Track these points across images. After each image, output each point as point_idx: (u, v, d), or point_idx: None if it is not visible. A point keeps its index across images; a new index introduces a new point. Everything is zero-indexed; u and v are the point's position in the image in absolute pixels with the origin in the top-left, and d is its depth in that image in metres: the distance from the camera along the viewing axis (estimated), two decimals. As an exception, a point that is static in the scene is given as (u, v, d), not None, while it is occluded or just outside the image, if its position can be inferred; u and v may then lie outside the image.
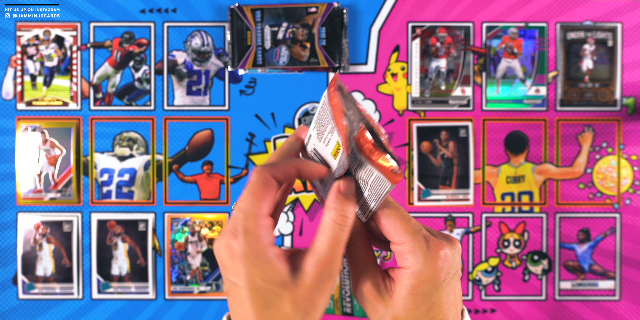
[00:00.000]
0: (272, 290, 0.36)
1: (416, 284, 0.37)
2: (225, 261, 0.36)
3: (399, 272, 0.38)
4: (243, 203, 0.36)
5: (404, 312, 0.38)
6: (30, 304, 0.90)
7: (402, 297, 0.38)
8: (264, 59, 0.89)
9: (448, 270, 0.38)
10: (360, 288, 0.39)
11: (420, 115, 0.91)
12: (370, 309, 0.39)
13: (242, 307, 0.36)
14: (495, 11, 0.90)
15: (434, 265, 0.37)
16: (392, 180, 0.36)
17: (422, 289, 0.37)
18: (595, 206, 0.91)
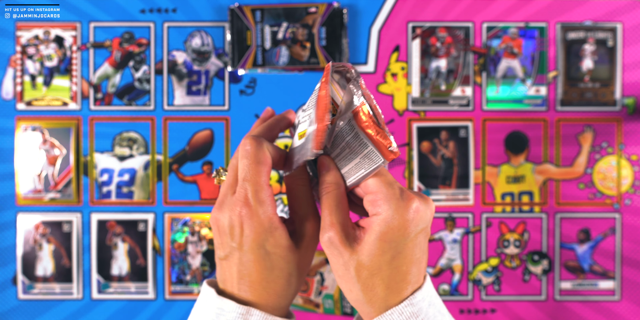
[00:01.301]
0: (280, 255, 0.39)
1: (385, 230, 0.38)
2: (234, 228, 0.39)
3: (369, 220, 0.39)
4: (249, 173, 0.39)
5: (369, 257, 0.38)
6: (30, 304, 0.90)
7: (369, 243, 0.38)
8: (264, 59, 0.89)
9: (418, 222, 0.38)
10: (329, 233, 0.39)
11: (420, 115, 0.91)
12: (335, 255, 0.39)
13: (244, 270, 0.39)
14: (495, 11, 0.90)
15: (405, 215, 0.38)
16: (387, 157, 0.38)
17: (390, 236, 0.38)
18: (595, 206, 0.91)
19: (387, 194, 0.38)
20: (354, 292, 0.39)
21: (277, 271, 0.40)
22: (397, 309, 0.38)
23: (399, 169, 0.90)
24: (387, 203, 0.38)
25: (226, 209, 0.39)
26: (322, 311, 0.89)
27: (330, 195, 0.40)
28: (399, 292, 0.39)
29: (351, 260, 0.38)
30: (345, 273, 0.39)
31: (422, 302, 0.39)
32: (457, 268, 0.91)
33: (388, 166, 0.90)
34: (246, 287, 0.39)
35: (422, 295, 0.40)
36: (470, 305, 0.91)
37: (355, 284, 0.39)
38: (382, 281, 0.38)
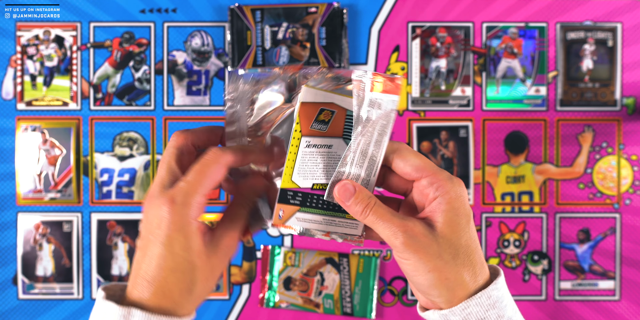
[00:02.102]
0: (187, 258, 0.38)
1: (458, 206, 0.39)
2: (152, 220, 0.39)
3: (433, 205, 0.39)
4: (190, 174, 0.40)
5: (456, 235, 0.38)
6: (30, 304, 0.90)
7: (448, 222, 0.38)
8: (264, 59, 0.89)
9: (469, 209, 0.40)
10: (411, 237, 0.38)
11: (420, 115, 0.91)
12: (423, 254, 0.38)
13: (149, 264, 0.38)
14: (495, 11, 0.90)
15: (464, 192, 0.39)
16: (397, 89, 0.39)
17: (463, 211, 0.39)
18: (595, 206, 0.91)
19: (444, 173, 0.39)
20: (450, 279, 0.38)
21: (178, 274, 0.38)
22: (485, 292, 0.38)
23: (399, 169, 0.90)
24: (450, 181, 0.39)
25: (156, 199, 0.39)
26: (322, 311, 0.89)
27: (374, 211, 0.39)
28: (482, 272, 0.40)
29: (443, 248, 0.38)
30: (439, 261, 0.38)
31: (504, 287, 0.40)
32: (457, 268, 0.91)
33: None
34: (144, 282, 0.38)
35: (503, 280, 0.40)
36: (470, 305, 0.91)
37: (452, 268, 0.38)
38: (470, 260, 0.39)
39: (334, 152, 0.40)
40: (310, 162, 0.40)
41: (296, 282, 0.89)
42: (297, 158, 0.40)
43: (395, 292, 0.91)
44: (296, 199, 0.40)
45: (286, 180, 0.40)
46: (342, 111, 0.40)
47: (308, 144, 0.40)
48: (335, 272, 0.89)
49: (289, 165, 0.40)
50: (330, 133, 0.40)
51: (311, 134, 0.40)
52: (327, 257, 0.90)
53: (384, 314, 0.90)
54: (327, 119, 0.40)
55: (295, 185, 0.40)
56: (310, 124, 0.39)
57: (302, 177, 0.40)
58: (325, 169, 0.40)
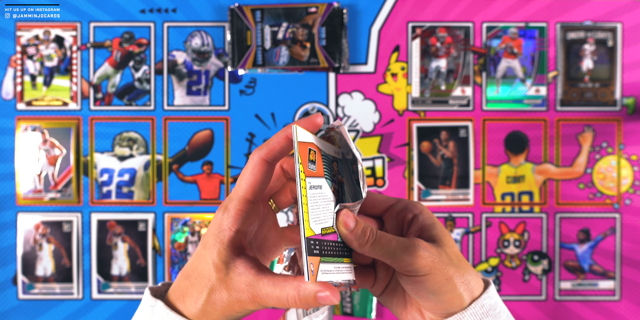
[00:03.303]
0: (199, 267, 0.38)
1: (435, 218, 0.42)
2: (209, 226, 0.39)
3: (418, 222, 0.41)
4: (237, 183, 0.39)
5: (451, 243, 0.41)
6: (30, 304, 0.90)
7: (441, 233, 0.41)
8: (264, 59, 0.89)
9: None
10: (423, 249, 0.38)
11: (420, 115, 0.91)
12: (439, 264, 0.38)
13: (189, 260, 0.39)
14: (495, 11, 0.90)
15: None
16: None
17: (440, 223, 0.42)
18: (595, 206, 0.91)
19: (404, 199, 0.43)
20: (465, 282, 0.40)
21: (191, 280, 0.39)
22: (478, 302, 0.39)
23: (399, 169, 0.90)
24: (418, 202, 0.43)
25: (220, 209, 0.39)
26: (322, 311, 0.89)
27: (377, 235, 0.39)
28: (479, 276, 0.41)
29: (449, 253, 0.40)
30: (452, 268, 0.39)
31: (495, 295, 0.41)
32: (457, 268, 0.91)
33: (389, 166, 0.91)
34: (178, 276, 0.40)
35: (494, 289, 0.42)
36: (470, 305, 0.91)
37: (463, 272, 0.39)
38: (468, 265, 0.41)
39: (324, 193, 0.37)
40: (315, 205, 0.36)
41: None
42: (309, 201, 0.35)
43: (395, 292, 0.91)
44: (317, 248, 0.35)
45: (307, 227, 0.35)
46: (319, 151, 0.38)
47: (311, 186, 0.36)
48: (335, 272, 0.89)
49: (306, 210, 0.35)
50: (319, 173, 0.37)
51: (309, 175, 0.36)
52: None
53: (384, 314, 0.90)
54: (314, 159, 0.37)
55: (313, 233, 0.36)
56: (307, 164, 0.36)
57: (314, 223, 0.36)
58: (324, 211, 0.37)
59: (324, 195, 0.37)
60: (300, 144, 0.35)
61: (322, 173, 0.38)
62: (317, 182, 0.37)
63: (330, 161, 0.39)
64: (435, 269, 0.38)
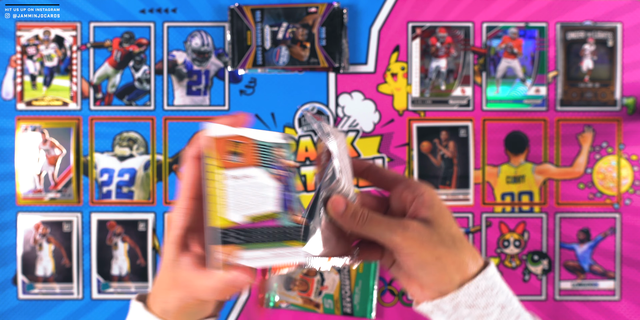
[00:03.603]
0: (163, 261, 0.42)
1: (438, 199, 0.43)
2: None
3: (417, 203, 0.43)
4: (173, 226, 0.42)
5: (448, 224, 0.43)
6: (30, 304, 0.90)
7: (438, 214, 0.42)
8: (264, 59, 0.89)
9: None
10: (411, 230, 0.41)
11: (420, 115, 0.91)
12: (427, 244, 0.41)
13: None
14: (495, 11, 0.90)
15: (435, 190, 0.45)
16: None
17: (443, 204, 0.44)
18: (595, 206, 0.91)
19: (413, 179, 0.44)
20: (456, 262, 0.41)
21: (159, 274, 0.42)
22: (473, 283, 0.41)
23: (399, 169, 0.90)
24: (423, 183, 0.44)
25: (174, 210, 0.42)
26: (322, 311, 0.89)
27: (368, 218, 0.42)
28: (479, 257, 0.43)
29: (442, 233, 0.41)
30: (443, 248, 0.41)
31: (495, 276, 0.42)
32: (457, 268, 0.91)
33: (389, 166, 0.91)
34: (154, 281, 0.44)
35: (493, 269, 0.43)
36: (470, 305, 0.91)
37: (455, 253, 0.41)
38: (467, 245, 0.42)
39: (257, 181, 0.40)
40: (239, 196, 0.38)
41: (296, 282, 0.89)
42: (227, 193, 0.38)
43: (395, 292, 0.91)
44: (234, 237, 0.38)
45: (218, 217, 0.37)
46: (249, 141, 0.40)
47: (232, 176, 0.39)
48: (335, 272, 0.89)
49: (215, 201, 0.37)
50: (247, 163, 0.40)
51: (231, 167, 0.39)
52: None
53: (384, 314, 0.90)
54: (239, 150, 0.40)
55: (230, 223, 0.38)
56: (225, 156, 0.39)
57: (235, 212, 0.38)
58: (254, 199, 0.39)
59: (254, 183, 0.39)
60: (215, 139, 0.39)
61: (255, 162, 0.40)
62: (245, 172, 0.39)
63: (270, 148, 0.42)
64: (423, 248, 0.40)
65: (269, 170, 0.41)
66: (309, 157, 0.90)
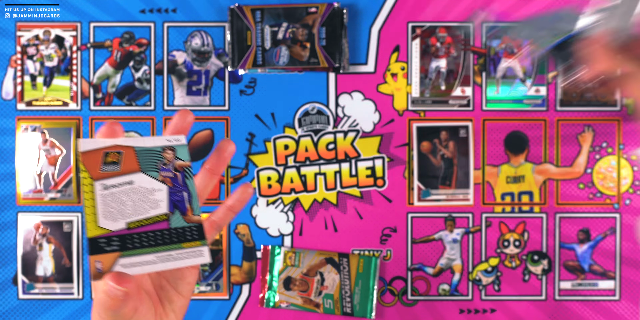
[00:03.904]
0: None
1: None
2: None
3: None
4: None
5: None
6: (30, 304, 0.90)
7: None
8: (264, 59, 0.89)
9: None
10: None
11: (420, 115, 0.91)
12: None
13: None
14: (495, 11, 0.90)
15: None
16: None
17: None
18: (595, 206, 0.91)
19: None
20: None
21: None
22: None
23: (399, 169, 0.91)
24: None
25: None
26: (322, 311, 0.89)
27: None
28: None
29: None
30: None
31: None
32: (457, 268, 0.91)
33: (389, 166, 0.91)
34: None
35: None
36: (470, 305, 0.91)
37: None
38: None
39: (139, 187, 0.40)
40: (115, 203, 0.39)
41: (296, 282, 0.89)
42: (97, 203, 0.38)
43: (395, 292, 0.91)
44: (112, 244, 0.38)
45: (92, 228, 0.38)
46: (129, 149, 0.41)
47: (105, 186, 0.39)
48: (335, 272, 0.89)
49: (89, 212, 0.38)
50: (126, 170, 0.40)
51: (104, 177, 0.39)
52: (327, 257, 0.90)
53: (384, 314, 0.90)
54: (116, 160, 0.40)
55: (105, 231, 0.38)
56: (99, 167, 0.39)
57: (111, 220, 0.38)
58: (135, 205, 0.39)
59: (135, 189, 0.40)
60: (83, 154, 0.39)
61: (135, 168, 0.40)
62: (123, 179, 0.40)
63: (158, 152, 0.42)
64: None
65: (152, 175, 0.41)
66: (309, 157, 0.90)
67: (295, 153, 0.91)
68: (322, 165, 0.90)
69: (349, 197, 0.91)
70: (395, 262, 0.91)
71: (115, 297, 0.36)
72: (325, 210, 0.91)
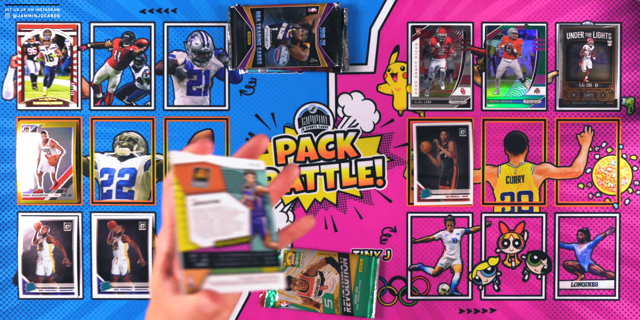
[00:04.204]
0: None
1: None
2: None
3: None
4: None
5: None
6: (30, 303, 0.90)
7: None
8: (264, 59, 0.89)
9: None
10: None
11: (420, 115, 0.91)
12: None
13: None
14: (495, 11, 0.91)
15: None
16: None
17: None
18: (595, 206, 0.91)
19: None
20: None
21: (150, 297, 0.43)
22: None
23: (399, 169, 0.91)
24: None
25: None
26: (322, 311, 0.89)
27: None
28: None
29: None
30: None
31: None
32: (457, 268, 0.91)
33: (389, 166, 0.91)
34: None
35: None
36: (470, 305, 0.91)
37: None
38: None
39: (225, 206, 0.40)
40: (204, 220, 0.39)
41: (296, 282, 0.89)
42: (189, 217, 0.39)
43: (395, 292, 0.91)
44: (202, 261, 0.38)
45: (184, 242, 0.38)
46: (216, 168, 0.41)
47: (195, 202, 0.40)
48: (335, 271, 0.89)
49: (182, 226, 0.38)
50: (213, 188, 0.40)
51: (194, 192, 0.40)
52: (327, 256, 0.90)
53: (384, 314, 0.90)
54: (205, 176, 0.41)
55: (196, 246, 0.38)
56: (190, 182, 0.40)
57: (201, 237, 0.39)
58: (221, 224, 0.40)
59: (221, 208, 0.40)
60: (176, 167, 0.40)
61: (222, 188, 0.41)
62: (211, 197, 0.40)
63: (241, 174, 0.42)
64: None
65: (236, 196, 0.41)
66: (309, 157, 0.91)
67: (295, 153, 0.91)
68: (322, 165, 0.90)
69: (349, 197, 0.91)
70: (395, 262, 0.91)
71: (206, 313, 0.38)
72: (325, 210, 0.91)
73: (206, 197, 0.40)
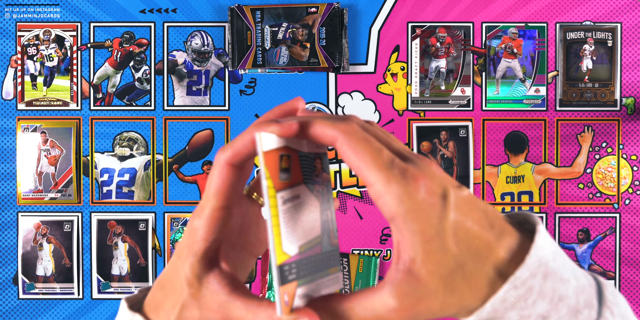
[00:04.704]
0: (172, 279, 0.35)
1: (417, 226, 0.29)
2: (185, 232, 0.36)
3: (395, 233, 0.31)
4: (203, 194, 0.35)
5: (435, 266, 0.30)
6: (30, 303, 0.90)
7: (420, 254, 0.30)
8: (264, 59, 0.89)
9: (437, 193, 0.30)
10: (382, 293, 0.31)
11: (420, 115, 0.91)
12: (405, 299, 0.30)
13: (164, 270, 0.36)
14: (495, 11, 0.91)
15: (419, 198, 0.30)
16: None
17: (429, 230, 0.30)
18: (595, 206, 0.91)
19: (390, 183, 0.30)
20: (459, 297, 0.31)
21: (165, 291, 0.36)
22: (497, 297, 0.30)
23: (398, 169, 0.90)
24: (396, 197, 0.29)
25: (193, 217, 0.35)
26: (322, 311, 0.89)
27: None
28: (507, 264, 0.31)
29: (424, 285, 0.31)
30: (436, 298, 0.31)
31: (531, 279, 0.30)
32: (457, 268, 0.91)
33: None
34: (154, 286, 0.37)
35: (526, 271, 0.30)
36: (470, 305, 0.91)
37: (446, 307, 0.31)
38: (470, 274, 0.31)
39: (304, 202, 0.32)
40: (291, 222, 0.31)
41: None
42: (280, 221, 0.30)
43: (395, 291, 0.91)
44: (292, 272, 0.31)
45: (280, 253, 0.30)
46: (294, 153, 0.32)
47: (283, 200, 0.31)
48: (335, 272, 0.89)
49: (277, 232, 0.30)
50: (294, 181, 0.31)
51: (281, 188, 0.30)
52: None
53: (384, 313, 0.90)
54: (288, 166, 0.31)
55: (287, 256, 0.30)
56: (278, 175, 0.30)
57: (289, 243, 0.31)
58: (303, 225, 0.32)
59: (303, 204, 0.32)
60: (266, 155, 0.30)
61: (301, 178, 0.32)
62: (293, 192, 0.31)
63: (312, 159, 0.33)
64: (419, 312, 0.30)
65: (310, 188, 0.33)
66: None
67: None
68: (322, 165, 0.90)
69: (349, 197, 0.91)
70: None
71: None
72: (325, 210, 0.91)
73: (290, 193, 0.31)
